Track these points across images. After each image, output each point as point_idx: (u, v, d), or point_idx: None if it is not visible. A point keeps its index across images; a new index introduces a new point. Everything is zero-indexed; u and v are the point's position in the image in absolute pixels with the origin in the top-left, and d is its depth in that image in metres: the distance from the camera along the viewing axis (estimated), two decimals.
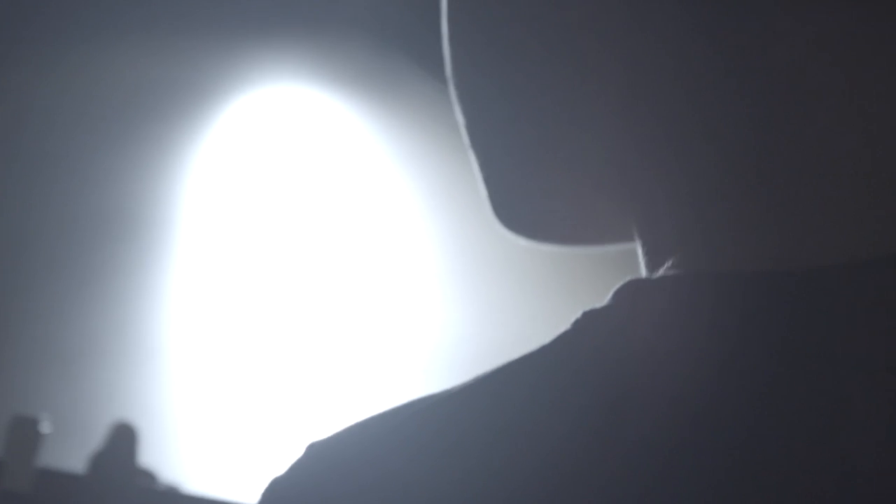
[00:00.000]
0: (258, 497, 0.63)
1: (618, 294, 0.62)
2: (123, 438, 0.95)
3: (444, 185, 5.90)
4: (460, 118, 0.68)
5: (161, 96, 6.68)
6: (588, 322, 0.61)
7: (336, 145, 6.39)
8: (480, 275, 5.05)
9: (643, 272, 0.66)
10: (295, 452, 0.64)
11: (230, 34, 7.68)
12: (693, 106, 0.62)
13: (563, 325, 0.63)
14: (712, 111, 0.62)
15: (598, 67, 0.63)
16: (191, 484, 1.01)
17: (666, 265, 0.64)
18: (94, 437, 1.01)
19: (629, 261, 0.68)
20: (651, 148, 0.64)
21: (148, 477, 0.95)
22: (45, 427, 0.94)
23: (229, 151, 6.29)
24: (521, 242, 0.69)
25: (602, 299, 0.62)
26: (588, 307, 0.62)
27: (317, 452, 0.63)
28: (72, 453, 0.99)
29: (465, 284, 5.02)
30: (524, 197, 0.68)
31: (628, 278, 0.62)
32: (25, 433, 0.91)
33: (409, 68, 6.89)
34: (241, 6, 7.71)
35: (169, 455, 3.88)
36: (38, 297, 4.81)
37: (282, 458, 0.69)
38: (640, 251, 0.66)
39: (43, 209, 5.45)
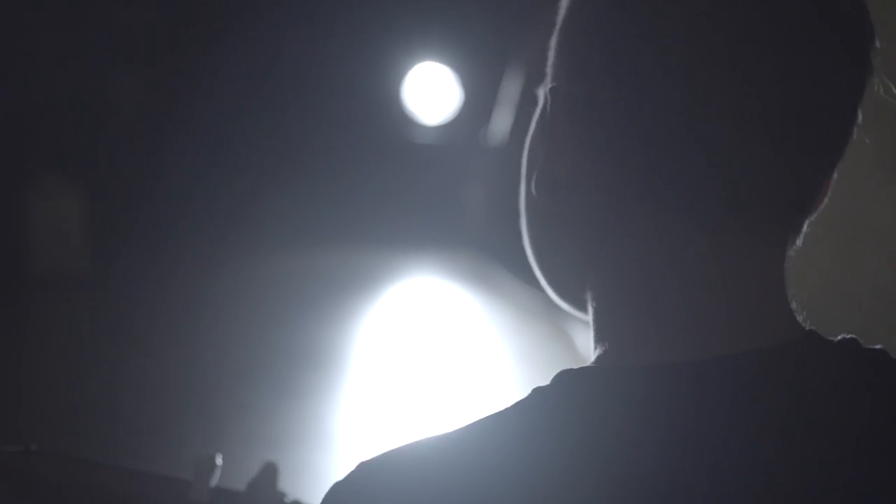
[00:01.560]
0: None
1: (556, 379, 0.80)
2: (268, 471, 1.08)
3: (528, 346, 6.53)
4: (528, 251, 0.90)
5: (346, 279, 7.73)
6: (538, 396, 0.79)
7: (456, 316, 7.26)
8: None
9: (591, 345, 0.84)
10: (349, 468, 0.77)
11: (391, 243, 8.38)
12: (620, 262, 0.82)
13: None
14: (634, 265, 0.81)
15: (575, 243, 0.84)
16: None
17: (597, 352, 0.83)
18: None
19: None
20: (600, 272, 0.83)
21: (280, 494, 1.09)
22: (219, 460, 1.07)
23: (387, 317, 7.21)
24: (550, 369, 0.85)
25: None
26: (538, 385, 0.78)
27: (366, 468, 0.77)
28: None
29: None
30: (550, 278, 0.89)
31: (563, 369, 0.80)
32: (206, 464, 1.04)
33: (506, 267, 7.22)
34: (400, 226, 8.38)
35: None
36: (259, 400, 5.46)
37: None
38: (591, 329, 0.85)
39: (266, 346, 6.26)
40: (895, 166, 5.31)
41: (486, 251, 7.79)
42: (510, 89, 7.73)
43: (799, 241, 0.86)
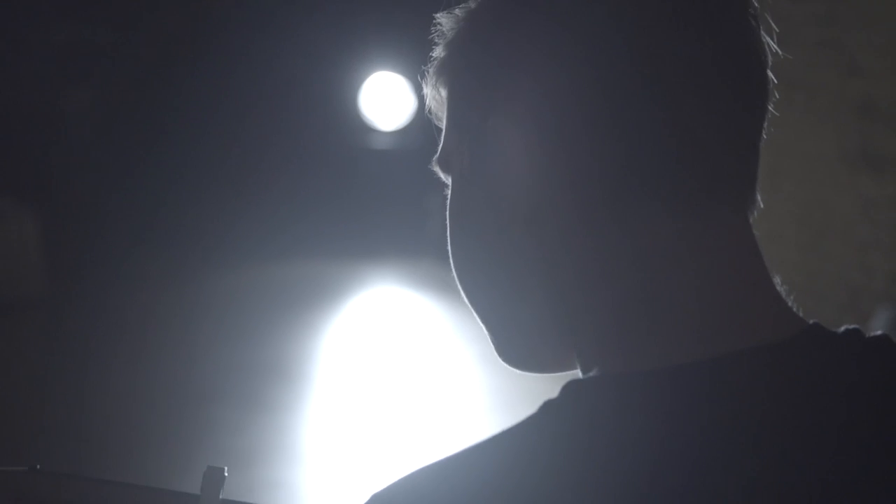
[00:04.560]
0: None
1: (565, 389, 0.80)
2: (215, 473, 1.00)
3: (492, 351, 7.04)
4: (467, 300, 0.89)
5: (309, 291, 7.87)
6: (550, 410, 0.79)
7: (419, 324, 7.44)
8: (517, 412, 6.03)
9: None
10: (360, 501, 0.75)
11: (354, 253, 8.54)
12: (591, 282, 0.81)
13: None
14: (602, 281, 0.80)
15: (536, 268, 0.83)
16: None
17: (592, 370, 0.82)
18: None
19: None
20: (576, 307, 0.83)
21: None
22: (226, 472, 1.01)
23: (351, 328, 7.34)
24: (517, 372, 0.89)
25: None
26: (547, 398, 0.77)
27: (380, 500, 0.76)
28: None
29: (505, 417, 6.06)
30: (513, 344, 0.89)
31: (569, 379, 0.79)
32: (215, 477, 0.99)
33: None
34: (359, 237, 8.57)
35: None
36: (225, 415, 5.63)
37: None
38: (578, 365, 0.85)
39: (231, 361, 6.48)
40: (856, 160, 5.40)
41: (448, 258, 8.03)
42: None
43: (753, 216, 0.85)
